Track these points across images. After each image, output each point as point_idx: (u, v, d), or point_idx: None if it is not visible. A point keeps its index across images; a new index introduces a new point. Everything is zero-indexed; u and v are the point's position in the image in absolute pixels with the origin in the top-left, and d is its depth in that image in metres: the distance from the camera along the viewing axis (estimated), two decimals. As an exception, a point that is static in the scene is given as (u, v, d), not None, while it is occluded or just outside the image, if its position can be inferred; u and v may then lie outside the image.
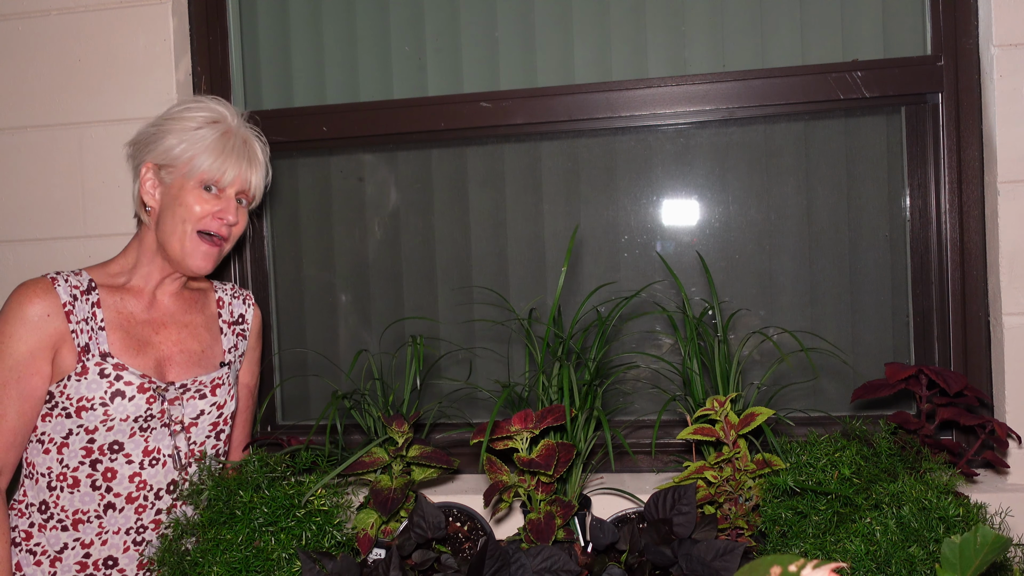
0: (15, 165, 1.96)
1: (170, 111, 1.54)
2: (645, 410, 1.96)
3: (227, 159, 1.49)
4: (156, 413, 1.47)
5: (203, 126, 1.50)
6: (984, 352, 1.74)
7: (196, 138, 1.48)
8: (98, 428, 1.42)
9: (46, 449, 1.44)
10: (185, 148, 1.48)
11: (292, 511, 1.28)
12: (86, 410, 1.42)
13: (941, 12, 1.76)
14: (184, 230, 1.48)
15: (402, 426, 1.43)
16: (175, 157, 1.48)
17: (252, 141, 1.56)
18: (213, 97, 1.58)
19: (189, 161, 1.48)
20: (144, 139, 1.52)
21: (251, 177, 1.55)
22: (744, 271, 1.93)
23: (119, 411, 1.43)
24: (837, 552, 1.15)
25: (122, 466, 1.45)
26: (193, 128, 1.49)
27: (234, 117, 1.55)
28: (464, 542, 1.48)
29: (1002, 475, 1.70)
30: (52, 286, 1.44)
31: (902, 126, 1.85)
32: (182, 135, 1.49)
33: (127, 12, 1.92)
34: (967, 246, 1.76)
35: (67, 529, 1.45)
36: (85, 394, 1.42)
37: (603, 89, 1.86)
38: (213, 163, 1.48)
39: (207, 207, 1.49)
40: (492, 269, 2.01)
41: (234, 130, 1.53)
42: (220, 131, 1.51)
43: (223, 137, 1.50)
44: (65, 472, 1.44)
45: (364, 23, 2.03)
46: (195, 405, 1.52)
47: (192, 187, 1.48)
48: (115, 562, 1.47)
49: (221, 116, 1.53)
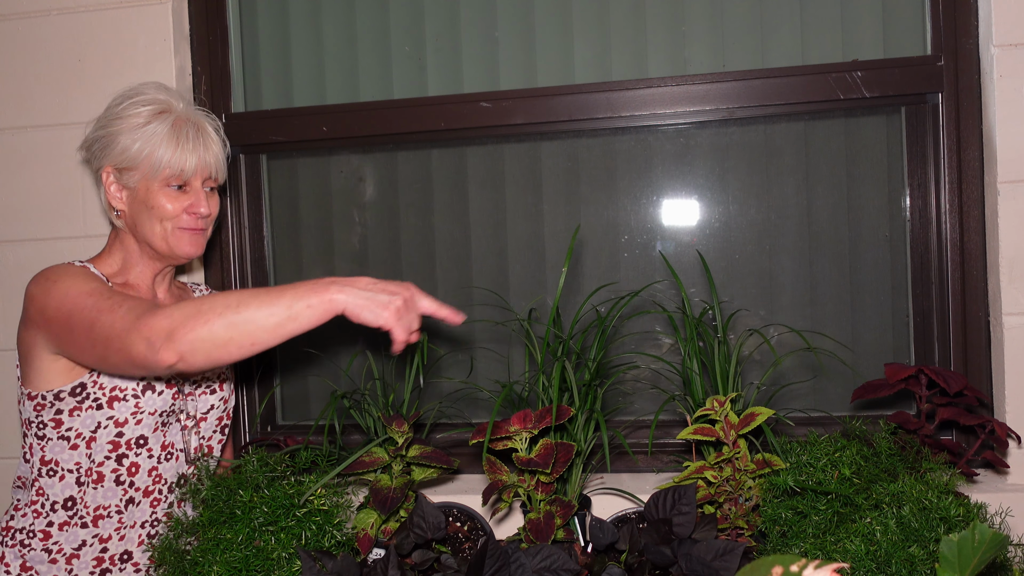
0: (15, 165, 1.96)
1: (114, 108, 1.47)
2: (645, 410, 1.96)
3: (184, 151, 1.44)
4: (176, 408, 1.49)
5: (152, 120, 1.45)
6: (984, 352, 1.74)
7: (148, 134, 1.43)
8: (128, 421, 1.42)
9: (73, 445, 1.42)
10: (140, 147, 1.43)
11: (292, 511, 1.28)
12: (118, 400, 1.41)
13: (941, 12, 1.75)
14: (164, 228, 1.46)
15: (402, 426, 1.43)
16: (132, 158, 1.44)
17: (202, 122, 1.50)
18: (154, 84, 1.52)
19: (147, 160, 1.43)
20: (96, 143, 1.47)
21: (210, 160, 1.49)
22: (744, 271, 1.93)
23: (149, 404, 1.44)
24: (837, 552, 1.15)
25: (144, 460, 1.46)
26: (142, 124, 1.44)
27: (179, 101, 1.50)
28: (464, 542, 1.48)
29: (1002, 475, 1.70)
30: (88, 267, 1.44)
31: (902, 126, 1.85)
32: (133, 133, 1.44)
33: (127, 12, 1.92)
34: (967, 246, 1.76)
35: (87, 526, 1.45)
36: (119, 383, 1.42)
37: (603, 89, 1.86)
38: (172, 158, 1.43)
39: (178, 204, 1.46)
40: (492, 269, 2.01)
41: (183, 117, 1.48)
42: (170, 122, 1.45)
43: (174, 128, 1.45)
44: (92, 467, 1.43)
45: (364, 23, 2.03)
46: (206, 400, 1.55)
47: (158, 188, 1.45)
48: (130, 556, 1.48)
49: (166, 105, 1.48)
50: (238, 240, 2.03)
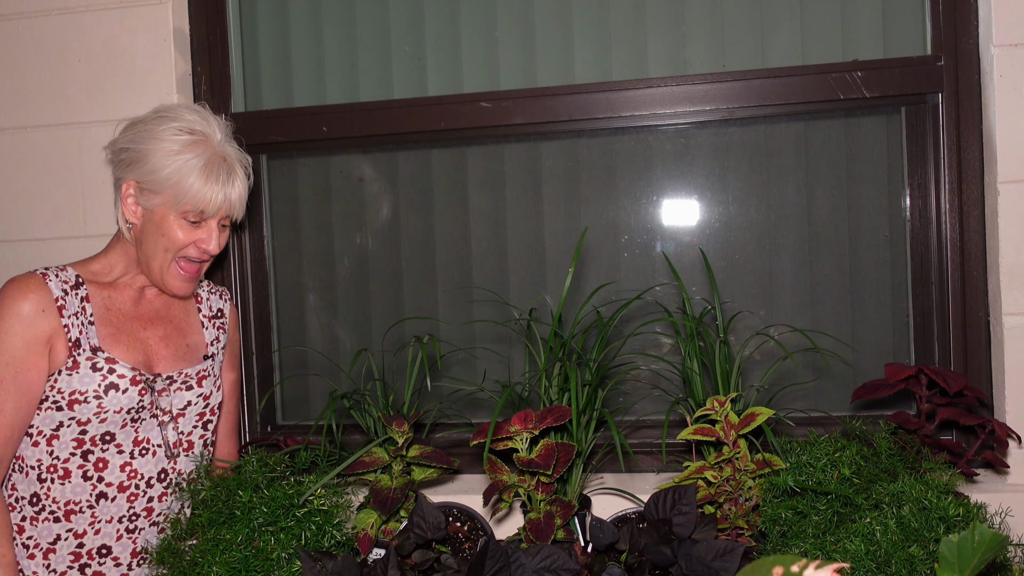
0: (15, 165, 1.96)
1: (150, 125, 1.47)
2: (645, 410, 1.96)
3: (212, 190, 1.45)
4: (147, 404, 1.49)
5: (186, 149, 1.44)
6: (984, 352, 1.74)
7: (181, 166, 1.43)
8: (91, 420, 1.43)
9: (35, 442, 1.44)
10: (169, 175, 1.43)
11: (292, 511, 1.28)
12: (79, 403, 1.42)
13: (941, 12, 1.75)
14: (165, 258, 1.47)
15: (402, 426, 1.43)
16: (158, 182, 1.44)
17: (232, 161, 1.50)
18: (195, 107, 1.51)
19: (173, 189, 1.43)
20: (125, 153, 1.47)
21: (234, 199, 1.49)
22: (744, 271, 1.93)
23: (113, 403, 1.44)
24: (837, 552, 1.15)
25: (113, 456, 1.47)
26: (176, 152, 1.43)
27: (216, 131, 1.49)
28: (464, 542, 1.48)
29: (1002, 475, 1.70)
30: (44, 281, 1.43)
31: (902, 126, 1.85)
32: (165, 159, 1.43)
33: (127, 12, 1.92)
34: (967, 246, 1.76)
35: (59, 520, 1.46)
36: (78, 387, 1.42)
37: (603, 89, 1.86)
38: (198, 195, 1.44)
39: (189, 237, 1.47)
40: (492, 269, 2.01)
41: (219, 154, 1.47)
42: (205, 158, 1.45)
43: (208, 166, 1.45)
44: (55, 464, 1.45)
45: (364, 23, 2.03)
46: (182, 396, 1.55)
47: (175, 217, 1.45)
48: (109, 550, 1.48)
49: (204, 135, 1.47)
50: (238, 240, 2.03)
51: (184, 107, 1.52)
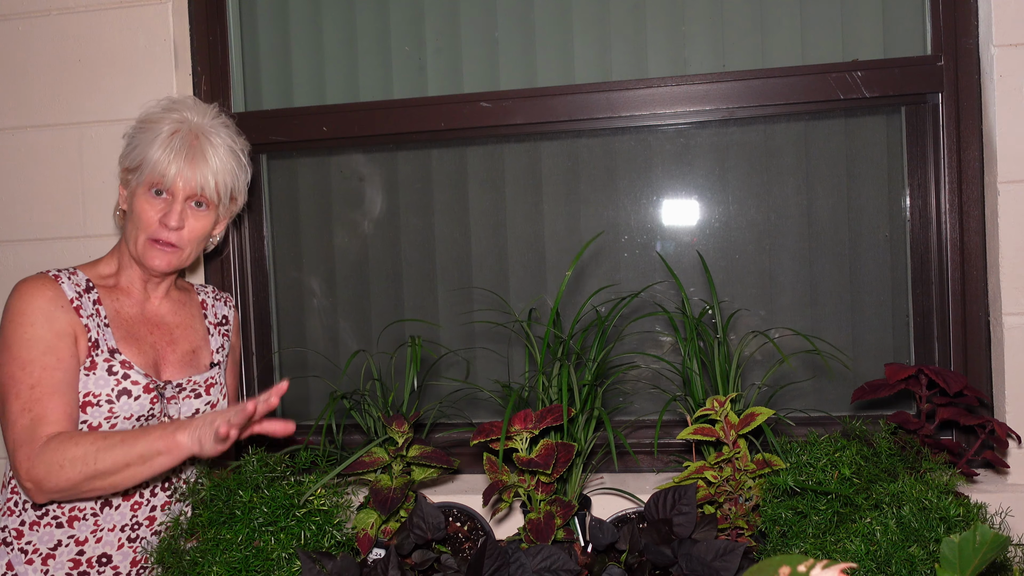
0: (15, 165, 1.96)
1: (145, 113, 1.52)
2: (645, 410, 1.96)
3: (167, 156, 1.44)
4: (156, 412, 1.48)
5: (159, 122, 1.48)
6: (984, 352, 1.74)
7: (148, 136, 1.46)
8: (101, 425, 1.42)
9: None
10: (138, 144, 1.46)
11: (292, 511, 1.28)
12: (91, 406, 1.41)
13: (941, 12, 1.75)
14: (138, 237, 1.47)
15: (402, 426, 1.43)
16: (132, 159, 1.47)
17: (204, 139, 1.48)
18: (191, 100, 1.55)
19: (140, 160, 1.46)
20: (125, 145, 1.52)
21: (197, 178, 1.46)
22: (744, 271, 1.93)
23: (124, 409, 1.43)
24: (837, 552, 1.15)
25: None
26: (150, 125, 1.47)
27: (194, 113, 1.50)
28: (464, 542, 1.48)
29: (1002, 475, 1.70)
30: (56, 282, 1.43)
31: (902, 126, 1.85)
32: (141, 134, 1.47)
33: (127, 12, 1.92)
34: (967, 246, 1.76)
35: (62, 526, 1.45)
36: (92, 390, 1.41)
37: (603, 89, 1.86)
38: (157, 164, 1.44)
39: (154, 211, 1.46)
40: (492, 269, 2.01)
41: (190, 128, 1.47)
42: (171, 130, 1.46)
43: (171, 136, 1.45)
44: None
45: (364, 23, 2.03)
46: (191, 404, 1.54)
47: (143, 192, 1.46)
48: (109, 559, 1.47)
49: (180, 112, 1.50)
50: (238, 240, 2.03)
51: (183, 98, 1.56)
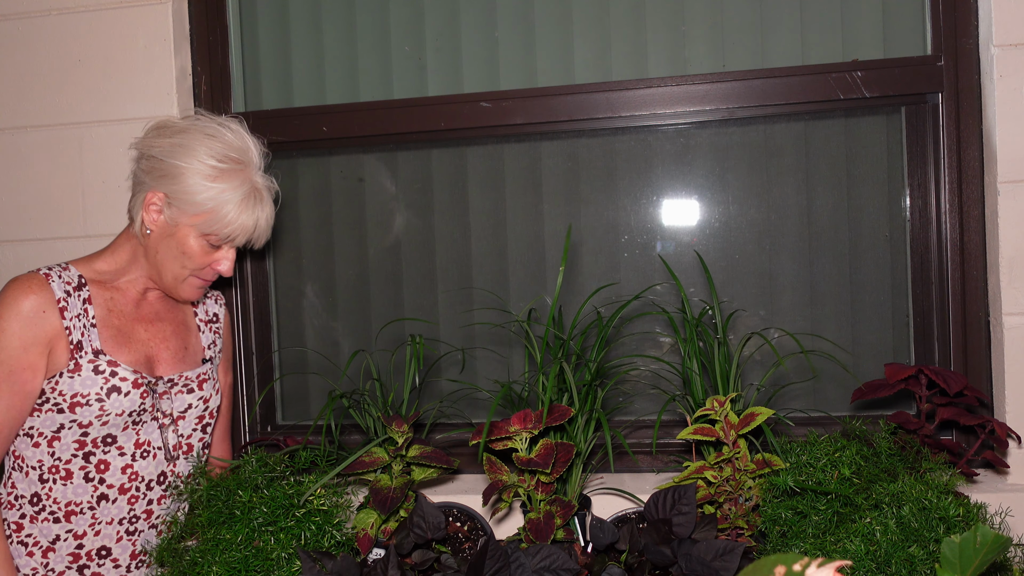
0: (15, 165, 1.96)
1: (187, 139, 1.42)
2: (645, 410, 1.96)
3: (245, 220, 1.44)
4: (148, 407, 1.49)
5: (224, 177, 1.41)
6: (984, 352, 1.74)
7: (217, 195, 1.40)
8: (92, 423, 1.43)
9: (35, 443, 1.44)
10: (204, 201, 1.41)
11: (291, 511, 1.28)
12: (80, 406, 1.42)
13: (941, 12, 1.75)
14: (181, 272, 1.47)
15: (402, 426, 1.43)
16: (191, 204, 1.41)
17: (262, 189, 1.48)
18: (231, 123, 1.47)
19: (207, 215, 1.42)
20: (155, 162, 1.43)
21: (252, 234, 1.48)
22: (744, 271, 1.93)
23: (115, 406, 1.44)
24: (837, 552, 1.15)
25: (115, 458, 1.47)
26: (213, 177, 1.40)
27: (255, 157, 1.47)
28: (464, 542, 1.48)
29: (1002, 475, 1.70)
30: (47, 282, 1.43)
31: (902, 126, 1.85)
32: (202, 183, 1.40)
33: (127, 12, 1.92)
34: (967, 246, 1.76)
35: (59, 521, 1.46)
36: (79, 390, 1.42)
37: (603, 89, 1.86)
38: (231, 226, 1.43)
39: (207, 259, 1.47)
40: (492, 269, 2.01)
41: (255, 184, 1.46)
42: (244, 191, 1.43)
43: (246, 199, 1.43)
44: (57, 464, 1.44)
45: (364, 23, 2.03)
46: (183, 399, 1.54)
47: (196, 237, 1.44)
48: (108, 552, 1.48)
49: (242, 163, 1.44)
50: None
51: (220, 122, 1.47)
